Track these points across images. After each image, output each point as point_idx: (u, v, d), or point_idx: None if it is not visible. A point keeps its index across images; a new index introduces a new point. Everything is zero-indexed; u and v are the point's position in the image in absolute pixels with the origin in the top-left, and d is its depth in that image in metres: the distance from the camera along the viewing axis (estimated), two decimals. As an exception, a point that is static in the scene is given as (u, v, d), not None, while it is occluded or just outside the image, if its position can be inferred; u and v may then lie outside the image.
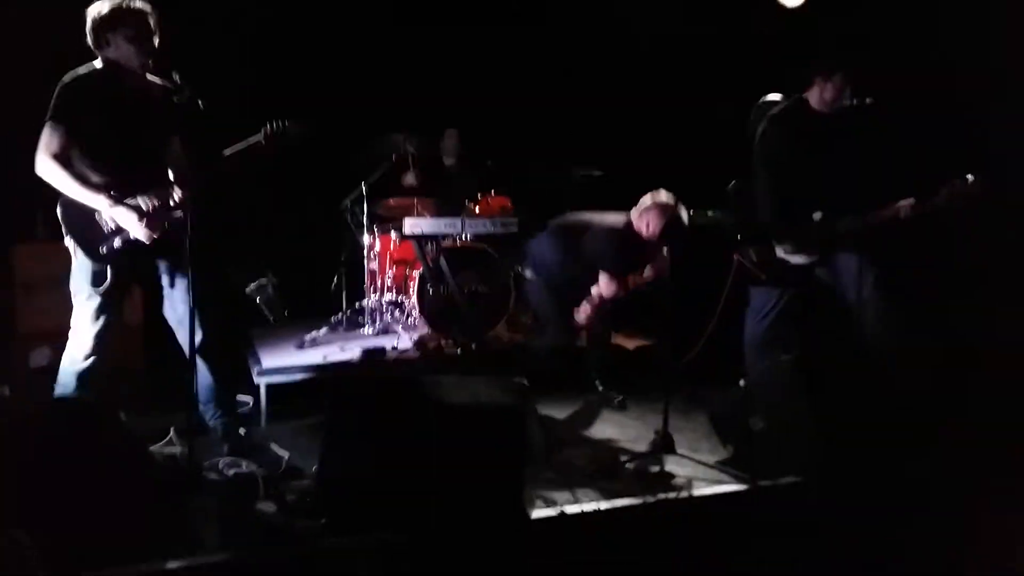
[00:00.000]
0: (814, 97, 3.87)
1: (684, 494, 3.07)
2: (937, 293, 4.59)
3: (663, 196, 4.11)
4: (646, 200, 4.13)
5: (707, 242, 5.24)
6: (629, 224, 4.15)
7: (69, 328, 3.31)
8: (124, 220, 3.15)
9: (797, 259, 3.86)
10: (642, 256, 4.18)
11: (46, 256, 4.43)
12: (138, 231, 3.16)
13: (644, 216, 4.09)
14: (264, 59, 5.37)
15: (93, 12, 3.15)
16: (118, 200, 3.14)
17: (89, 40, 3.17)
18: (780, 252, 3.87)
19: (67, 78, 3.16)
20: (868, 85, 4.09)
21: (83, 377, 3.27)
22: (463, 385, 3.09)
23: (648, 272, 4.15)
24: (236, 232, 5.40)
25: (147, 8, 3.19)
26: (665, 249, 4.05)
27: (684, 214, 4.07)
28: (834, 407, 3.22)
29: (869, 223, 3.76)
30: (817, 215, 3.83)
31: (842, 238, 3.83)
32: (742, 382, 3.86)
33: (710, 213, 5.68)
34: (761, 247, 3.90)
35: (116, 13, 3.13)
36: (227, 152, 3.35)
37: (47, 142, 3.11)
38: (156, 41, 3.19)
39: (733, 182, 3.87)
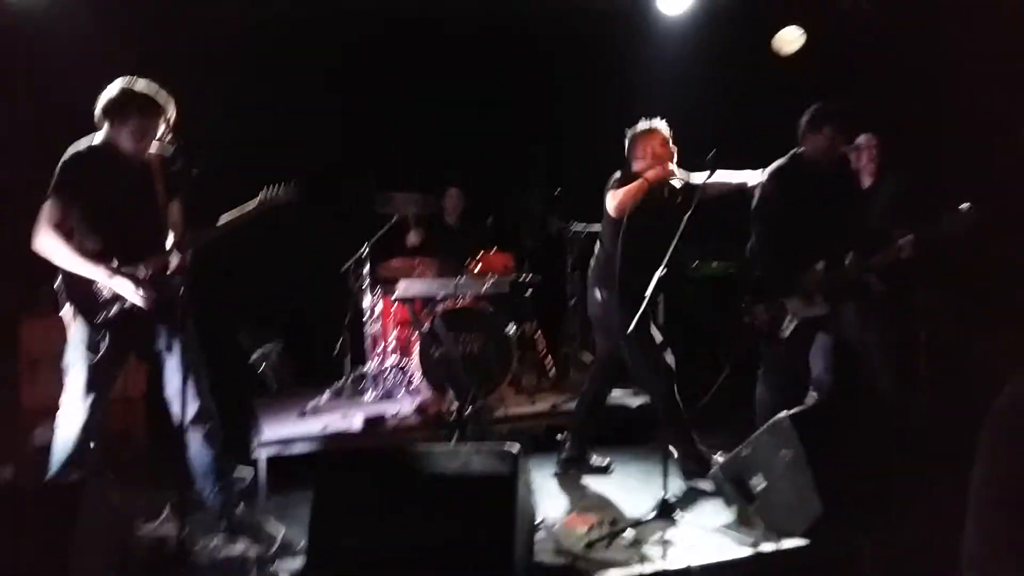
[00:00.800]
0: (808, 150, 3.85)
1: (685, 564, 2.96)
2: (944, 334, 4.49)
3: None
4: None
5: (712, 294, 5.18)
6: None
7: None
8: (122, 289, 3.18)
9: (806, 312, 3.79)
10: None
11: (51, 330, 4.46)
12: (136, 298, 3.19)
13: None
14: (265, 119, 5.45)
15: (108, 94, 3.22)
16: (116, 271, 3.18)
17: (96, 114, 3.24)
18: (789, 307, 3.80)
19: (67, 154, 3.23)
20: (860, 130, 4.07)
21: (76, 455, 3.24)
22: (454, 454, 3.04)
23: None
24: (242, 298, 5.43)
25: (162, 107, 3.24)
26: None
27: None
28: (838, 465, 3.11)
29: (875, 265, 3.71)
30: (820, 265, 3.77)
31: (847, 287, 3.77)
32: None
33: (715, 264, 5.65)
34: (770, 304, 3.83)
35: (128, 105, 3.20)
36: (223, 220, 3.41)
37: (48, 216, 3.16)
38: (160, 132, 3.25)
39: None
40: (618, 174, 3.99)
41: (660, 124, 4.05)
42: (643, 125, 4.07)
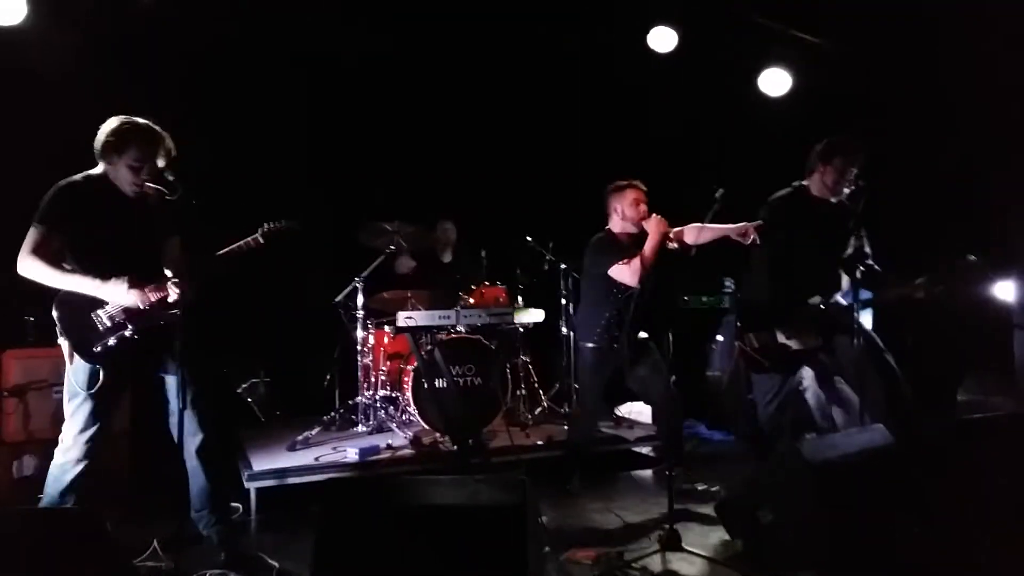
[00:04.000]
0: (815, 184, 3.89)
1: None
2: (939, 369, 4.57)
3: None
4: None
5: (702, 326, 5.22)
6: None
7: (56, 435, 3.23)
8: (114, 293, 3.13)
9: (798, 344, 3.81)
10: None
11: (33, 362, 4.38)
12: (129, 300, 3.14)
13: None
14: (260, 153, 5.43)
15: (106, 128, 3.20)
16: (105, 278, 3.12)
17: (95, 147, 3.20)
18: (781, 338, 3.83)
19: (62, 183, 3.18)
20: (870, 168, 4.11)
21: (71, 486, 3.17)
22: (462, 485, 2.98)
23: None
24: (229, 330, 5.34)
25: (162, 137, 3.22)
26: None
27: None
28: (846, 496, 3.10)
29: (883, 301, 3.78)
30: (816, 299, 3.81)
31: (840, 321, 3.80)
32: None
33: (704, 299, 5.69)
34: (761, 333, 3.85)
35: (126, 138, 3.17)
36: (222, 252, 3.36)
37: (31, 242, 3.11)
38: (159, 165, 3.22)
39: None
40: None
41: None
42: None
